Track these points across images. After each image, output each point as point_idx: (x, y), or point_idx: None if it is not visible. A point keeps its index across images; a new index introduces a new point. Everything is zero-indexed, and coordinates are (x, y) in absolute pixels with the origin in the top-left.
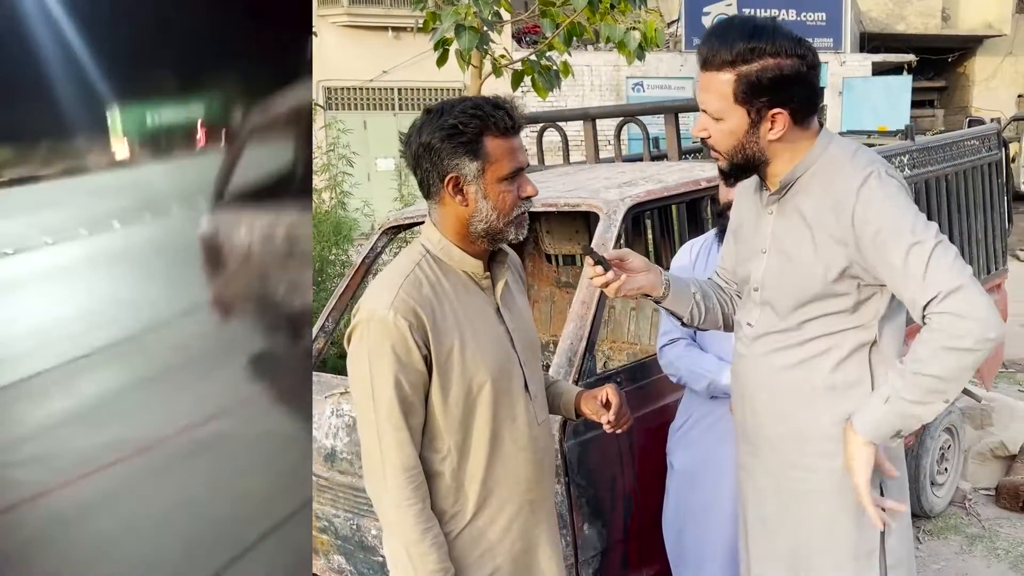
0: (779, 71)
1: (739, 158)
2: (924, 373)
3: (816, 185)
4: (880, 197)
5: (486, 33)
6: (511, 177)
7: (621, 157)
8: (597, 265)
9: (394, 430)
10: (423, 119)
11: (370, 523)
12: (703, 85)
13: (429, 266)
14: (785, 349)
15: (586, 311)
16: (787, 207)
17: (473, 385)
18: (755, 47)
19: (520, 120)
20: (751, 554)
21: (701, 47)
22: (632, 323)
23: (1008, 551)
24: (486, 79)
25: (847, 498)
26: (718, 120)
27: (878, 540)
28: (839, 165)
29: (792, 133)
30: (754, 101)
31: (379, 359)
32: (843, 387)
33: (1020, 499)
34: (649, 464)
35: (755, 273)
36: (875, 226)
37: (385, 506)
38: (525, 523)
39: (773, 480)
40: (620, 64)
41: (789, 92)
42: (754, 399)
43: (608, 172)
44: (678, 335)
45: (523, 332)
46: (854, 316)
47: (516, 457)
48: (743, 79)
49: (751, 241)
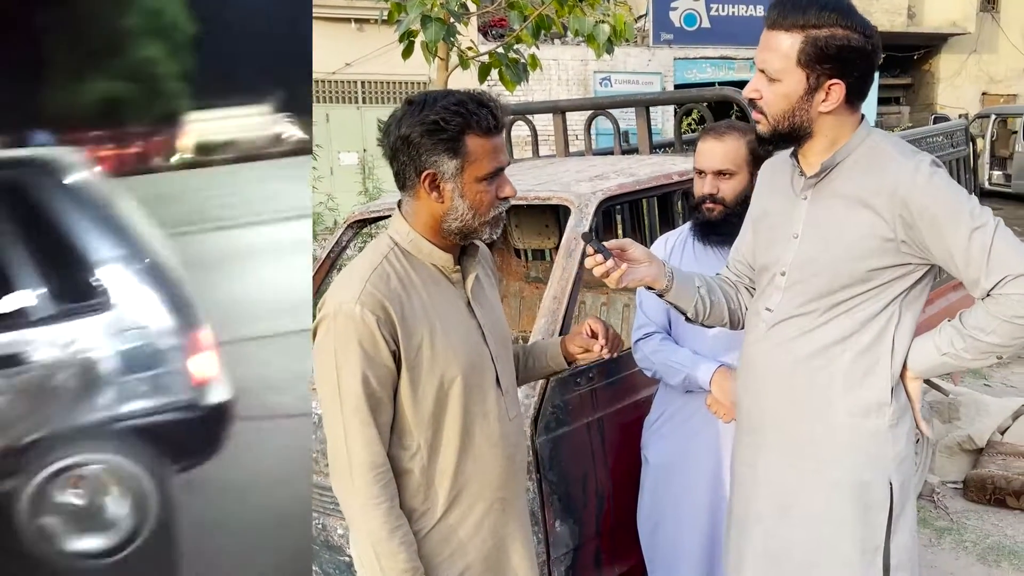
0: (847, 42)
1: (785, 125)
2: (984, 340)
3: (860, 171)
4: (936, 184)
5: (453, 25)
6: (490, 177)
7: (591, 151)
8: (597, 254)
9: (361, 426)
10: (404, 110)
11: (336, 522)
12: (766, 44)
13: (397, 259)
14: (808, 333)
15: (557, 306)
16: (825, 192)
17: (444, 380)
18: (829, 15)
19: (503, 119)
20: (744, 549)
21: (771, 7)
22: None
23: (976, 543)
24: (453, 71)
25: (855, 491)
26: (773, 81)
27: (883, 536)
28: (886, 152)
29: (841, 111)
30: (816, 67)
31: (345, 354)
32: (862, 375)
33: (987, 492)
34: (621, 459)
35: (784, 258)
36: (934, 211)
37: (352, 505)
38: (496, 521)
39: (777, 471)
40: (587, 58)
41: (851, 66)
42: (766, 386)
43: (579, 165)
44: (652, 329)
45: (494, 326)
46: (881, 302)
47: (487, 454)
48: (811, 42)
49: (780, 227)
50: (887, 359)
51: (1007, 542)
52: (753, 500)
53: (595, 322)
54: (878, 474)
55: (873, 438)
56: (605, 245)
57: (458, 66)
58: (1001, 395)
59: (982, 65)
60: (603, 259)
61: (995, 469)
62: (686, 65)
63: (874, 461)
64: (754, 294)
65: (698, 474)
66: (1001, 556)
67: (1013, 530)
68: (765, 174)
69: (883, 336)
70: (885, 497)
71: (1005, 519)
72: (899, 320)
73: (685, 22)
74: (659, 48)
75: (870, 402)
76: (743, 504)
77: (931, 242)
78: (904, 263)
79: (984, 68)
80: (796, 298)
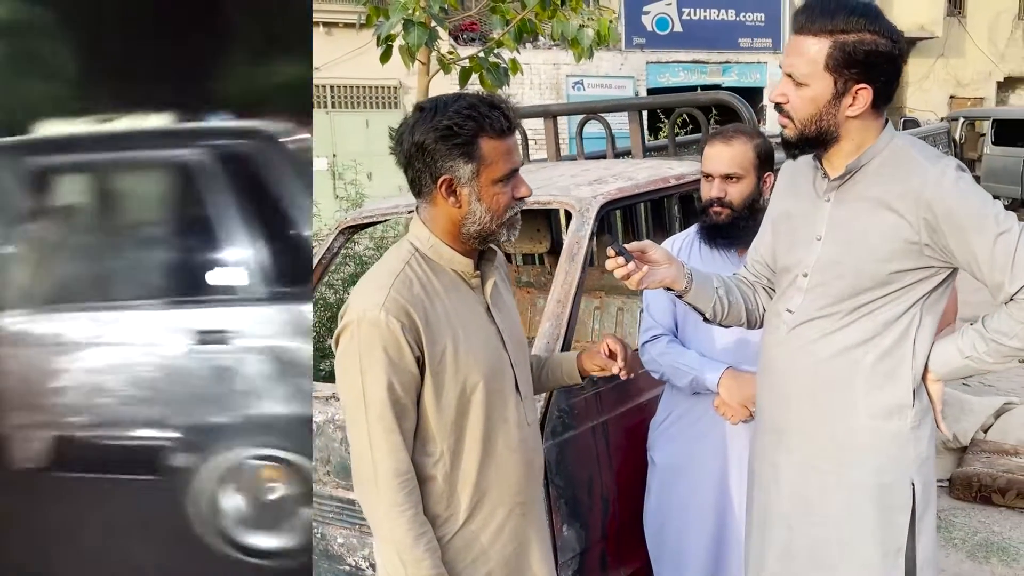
0: (875, 47)
1: (812, 129)
2: (1007, 344)
3: (885, 173)
4: (961, 189)
5: (434, 29)
6: (506, 179)
7: (583, 155)
8: (619, 256)
9: (386, 434)
10: (415, 117)
11: (335, 531)
12: (794, 48)
13: (419, 264)
14: (830, 335)
15: (562, 310)
16: (849, 194)
17: (467, 386)
18: (856, 20)
19: (515, 120)
20: (766, 549)
21: (800, 12)
22: (596, 322)
23: (965, 540)
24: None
25: (876, 493)
26: (801, 86)
27: (905, 538)
28: (910, 157)
29: (867, 115)
30: (844, 72)
31: (371, 361)
32: (883, 377)
33: (973, 490)
34: (626, 463)
35: (806, 259)
36: (959, 216)
37: (377, 513)
38: (516, 525)
39: (799, 473)
40: (559, 62)
41: (878, 71)
42: (787, 387)
43: (573, 170)
44: (660, 332)
45: (512, 332)
46: (903, 304)
47: (507, 459)
48: (839, 47)
49: (802, 229)
50: (909, 361)
51: (995, 538)
52: (775, 501)
53: (613, 342)
54: (900, 476)
55: (895, 440)
56: (627, 248)
57: (439, 70)
58: (981, 394)
59: (950, 69)
60: (624, 262)
61: (980, 467)
62: (659, 69)
63: (896, 463)
64: (774, 295)
65: (705, 475)
66: (990, 552)
67: (1000, 526)
68: (785, 175)
69: (905, 339)
70: (907, 499)
71: (991, 516)
72: (920, 323)
73: (657, 26)
74: (631, 52)
75: (892, 404)
76: (764, 505)
77: (955, 246)
78: (927, 266)
79: (952, 72)
80: (818, 300)
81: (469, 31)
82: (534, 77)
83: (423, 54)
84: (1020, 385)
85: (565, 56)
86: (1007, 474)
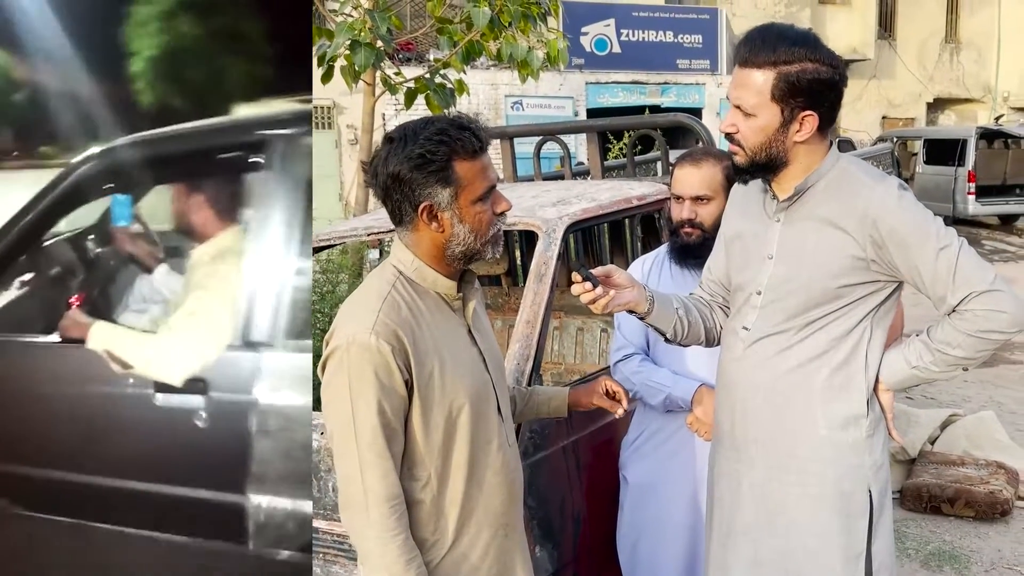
0: (817, 75)
1: (762, 156)
2: (951, 354)
3: (831, 194)
4: (904, 206)
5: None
6: (484, 197)
7: (540, 175)
8: (585, 281)
9: (377, 459)
10: (387, 148)
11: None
12: (740, 81)
13: (404, 288)
14: (786, 351)
15: (531, 331)
16: (797, 215)
17: (453, 409)
18: (797, 51)
19: (487, 138)
20: (730, 561)
21: (741, 46)
22: (556, 342)
23: (918, 550)
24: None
25: (837, 501)
26: (749, 116)
27: (865, 543)
28: (855, 176)
29: (814, 139)
30: (790, 100)
31: (361, 385)
32: (838, 389)
33: (923, 500)
34: (598, 482)
35: (759, 278)
36: (902, 232)
37: (368, 538)
38: (501, 547)
39: (761, 486)
40: (498, 83)
41: (822, 97)
42: (745, 403)
43: (534, 191)
44: (632, 350)
45: (492, 354)
46: (854, 318)
47: (491, 481)
48: (783, 77)
49: (754, 249)
50: (862, 373)
51: (946, 548)
52: (738, 513)
53: (612, 383)
54: (858, 483)
55: (852, 449)
56: (592, 272)
57: (384, 91)
58: (924, 407)
59: (881, 90)
60: (592, 287)
61: (929, 478)
62: (598, 90)
63: (854, 471)
64: (729, 313)
65: (677, 493)
66: (943, 561)
67: (951, 535)
68: (736, 197)
69: (857, 351)
70: (865, 505)
71: (942, 525)
72: (871, 336)
73: (596, 47)
74: (570, 73)
75: (848, 415)
76: (726, 518)
77: (900, 261)
78: (874, 280)
79: (883, 93)
80: (773, 317)
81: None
82: (473, 97)
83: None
84: (962, 397)
85: (504, 76)
86: (955, 484)
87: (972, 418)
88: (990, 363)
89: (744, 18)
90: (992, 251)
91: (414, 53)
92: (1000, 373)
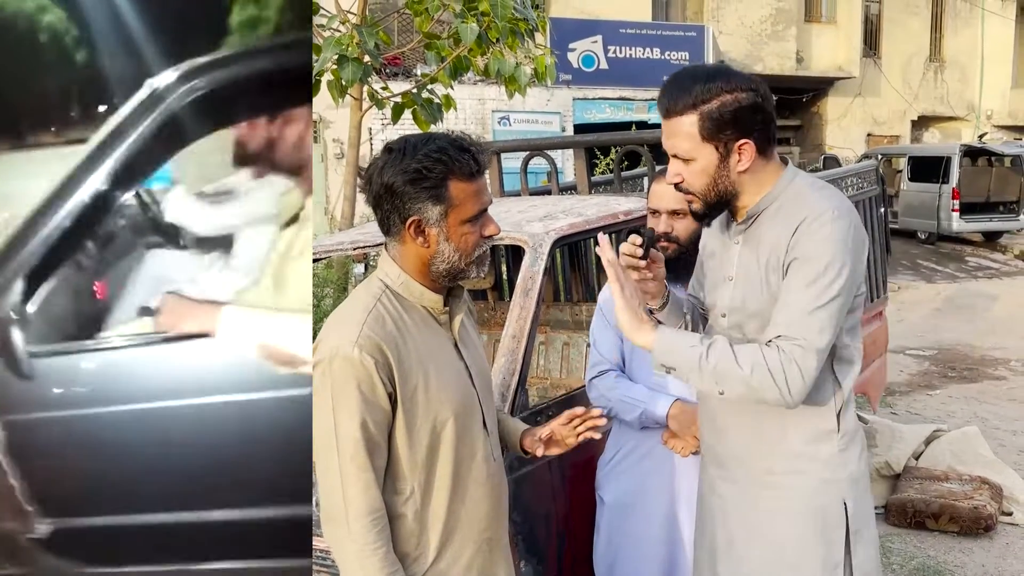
0: (738, 104)
1: (713, 195)
2: (733, 368)
3: (781, 217)
4: (821, 235)
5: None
6: (474, 219)
7: (527, 191)
8: (640, 247)
9: (359, 472)
10: (385, 158)
11: None
12: (670, 131)
13: (390, 301)
14: None
15: (517, 345)
16: (752, 236)
17: (437, 423)
18: (711, 87)
19: (486, 162)
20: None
21: (661, 99)
22: (541, 358)
23: (903, 565)
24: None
25: (816, 514)
26: (689, 162)
27: (843, 553)
28: (803, 198)
29: (758, 163)
30: (720, 135)
31: (343, 399)
32: (809, 406)
33: (908, 515)
34: (580, 498)
35: (721, 300)
36: (801, 257)
37: (348, 551)
38: (484, 562)
39: (744, 500)
40: (485, 97)
41: (750, 122)
42: (724, 420)
43: (521, 205)
44: (607, 367)
45: (479, 368)
46: None
47: (476, 495)
48: (706, 117)
49: (719, 269)
50: (831, 388)
51: (931, 563)
52: (723, 528)
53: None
54: (833, 497)
55: (826, 464)
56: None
57: (372, 106)
58: (909, 422)
59: (867, 108)
60: (641, 254)
61: (913, 493)
62: (585, 105)
63: (828, 485)
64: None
65: (654, 511)
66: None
67: (935, 550)
68: None
69: (824, 368)
70: (841, 517)
71: (926, 540)
72: (837, 352)
73: (583, 63)
74: (558, 88)
75: (820, 430)
76: (712, 532)
77: (787, 275)
78: None
79: (869, 110)
80: (737, 337)
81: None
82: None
83: (355, 89)
84: (946, 413)
85: (491, 91)
86: (939, 499)
87: (956, 433)
88: (973, 379)
89: (730, 35)
90: (976, 268)
91: (401, 68)
92: (984, 389)
